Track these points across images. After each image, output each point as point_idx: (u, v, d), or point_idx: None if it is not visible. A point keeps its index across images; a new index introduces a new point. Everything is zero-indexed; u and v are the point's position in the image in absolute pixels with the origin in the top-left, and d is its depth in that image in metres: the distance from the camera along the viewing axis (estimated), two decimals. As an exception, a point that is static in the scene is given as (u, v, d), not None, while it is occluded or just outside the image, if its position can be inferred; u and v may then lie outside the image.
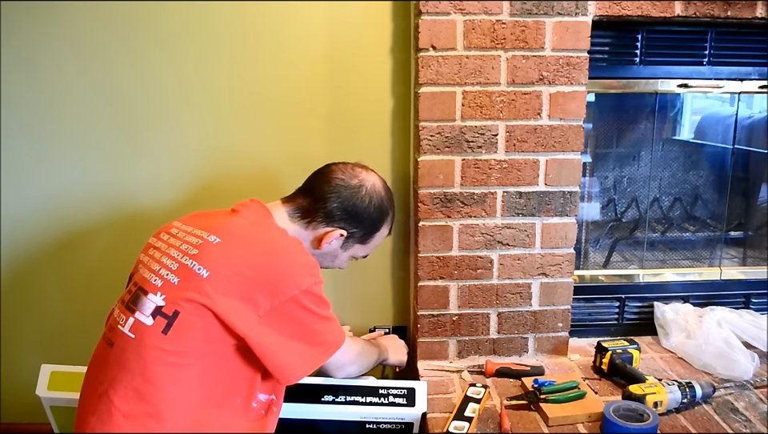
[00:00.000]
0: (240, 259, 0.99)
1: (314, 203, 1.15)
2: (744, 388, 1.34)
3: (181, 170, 1.58)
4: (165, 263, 1.02)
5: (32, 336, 1.67)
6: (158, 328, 0.95)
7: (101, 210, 1.59)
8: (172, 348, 0.94)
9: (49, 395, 1.31)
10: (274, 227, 1.11)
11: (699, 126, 1.74)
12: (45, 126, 1.54)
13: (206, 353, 0.96)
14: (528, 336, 1.51)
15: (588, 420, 1.22)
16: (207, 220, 1.09)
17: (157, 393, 0.93)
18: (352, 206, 1.16)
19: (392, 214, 1.25)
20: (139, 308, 0.98)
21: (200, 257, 0.99)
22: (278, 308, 0.97)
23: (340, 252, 1.22)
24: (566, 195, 1.43)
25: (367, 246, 1.24)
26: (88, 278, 1.63)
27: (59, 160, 1.56)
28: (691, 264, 1.73)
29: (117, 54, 1.50)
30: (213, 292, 0.95)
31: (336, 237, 1.16)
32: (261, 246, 1.03)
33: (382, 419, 1.22)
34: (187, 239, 1.04)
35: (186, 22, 1.49)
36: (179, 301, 0.95)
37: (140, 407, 0.92)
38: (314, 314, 1.02)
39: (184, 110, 1.54)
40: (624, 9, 1.36)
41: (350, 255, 1.24)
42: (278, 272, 0.99)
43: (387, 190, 1.23)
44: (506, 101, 1.37)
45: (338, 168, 1.19)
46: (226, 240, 1.01)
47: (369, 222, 1.19)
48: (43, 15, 1.47)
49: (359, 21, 1.51)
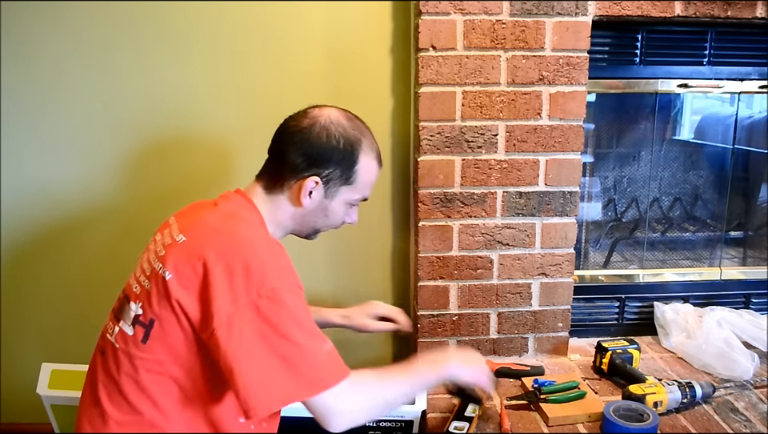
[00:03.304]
0: (199, 254, 0.89)
1: (277, 164, 1.05)
2: (744, 388, 1.34)
3: (180, 166, 1.58)
4: (144, 268, 0.97)
5: (32, 335, 1.67)
6: (137, 337, 0.92)
7: (100, 207, 1.59)
8: (152, 356, 0.91)
9: (49, 394, 1.31)
10: (244, 220, 0.99)
11: (699, 126, 1.74)
12: (43, 121, 1.53)
13: (187, 360, 0.91)
14: (528, 336, 1.51)
15: (588, 420, 1.22)
16: (190, 216, 1.03)
17: (147, 401, 0.91)
18: (311, 148, 1.02)
19: (367, 140, 1.06)
20: (123, 317, 0.96)
21: (165, 258, 0.92)
22: (236, 314, 0.85)
23: (328, 202, 1.06)
24: (566, 195, 1.43)
25: (355, 185, 1.06)
26: (87, 275, 1.63)
27: (58, 155, 1.55)
28: (691, 264, 1.73)
29: (116, 53, 1.50)
30: (178, 293, 0.88)
31: (311, 186, 1.02)
32: (221, 238, 0.92)
33: (381, 418, 1.22)
34: (164, 240, 0.98)
35: (185, 19, 1.49)
36: (153, 308, 0.91)
37: (133, 416, 0.91)
38: (278, 329, 0.85)
39: (183, 106, 1.54)
40: (624, 9, 1.36)
41: (344, 202, 1.07)
42: (232, 268, 0.86)
43: (350, 119, 1.06)
44: (506, 101, 1.37)
45: (289, 118, 1.09)
46: (190, 237, 0.93)
47: (338, 157, 1.03)
48: (42, 10, 1.47)
49: (359, 21, 1.51)
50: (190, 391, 0.92)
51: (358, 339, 1.68)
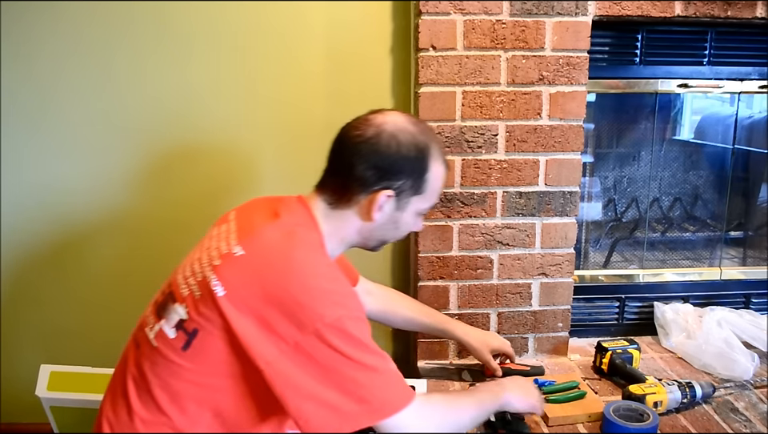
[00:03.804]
0: (259, 278, 0.86)
1: (342, 178, 0.98)
2: (744, 388, 1.34)
3: (180, 167, 1.58)
4: (194, 270, 0.92)
5: (32, 336, 1.67)
6: (178, 343, 0.88)
7: (100, 208, 1.59)
8: (191, 366, 0.87)
9: (48, 396, 1.30)
10: (304, 242, 0.93)
11: (699, 126, 1.74)
12: (43, 122, 1.53)
13: (227, 376, 0.87)
14: (528, 336, 1.51)
15: (588, 420, 1.21)
16: (248, 220, 0.98)
17: (176, 408, 0.88)
18: (381, 159, 0.95)
19: (435, 146, 1.00)
20: (166, 316, 0.91)
21: (220, 270, 0.88)
22: (301, 343, 0.83)
23: (399, 215, 1.00)
24: (565, 195, 1.43)
25: (426, 194, 1.00)
26: (87, 277, 1.63)
27: (58, 157, 1.55)
28: (691, 264, 1.73)
29: (117, 53, 1.50)
30: (231, 313, 0.85)
31: (383, 200, 0.96)
32: (282, 265, 0.87)
33: None
34: (220, 244, 0.93)
35: (185, 20, 1.49)
36: (199, 318, 0.87)
37: (159, 418, 0.88)
38: (345, 356, 0.83)
39: (183, 107, 1.54)
40: (624, 9, 1.36)
41: (414, 213, 1.01)
42: (295, 298, 0.84)
43: (416, 123, 1.00)
44: (506, 101, 1.37)
45: (349, 127, 1.00)
46: (248, 253, 0.89)
47: (410, 166, 0.97)
48: (42, 10, 1.47)
49: (359, 21, 1.51)
50: (224, 406, 0.89)
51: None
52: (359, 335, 0.86)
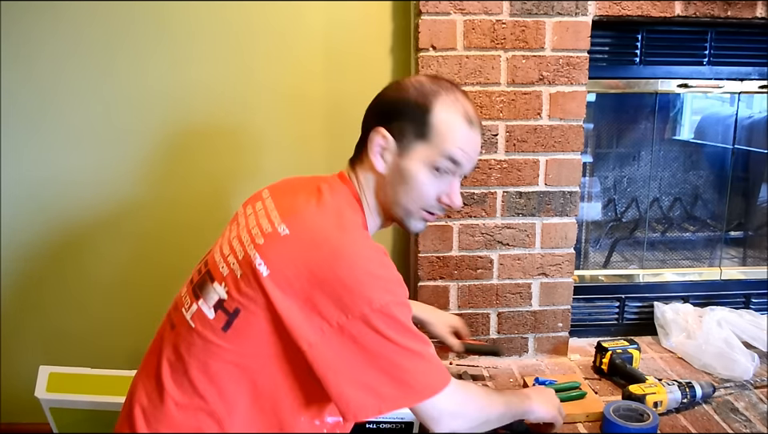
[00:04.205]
0: (305, 260, 0.83)
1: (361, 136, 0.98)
2: (744, 388, 1.34)
3: (181, 167, 1.58)
4: (234, 248, 0.90)
5: (32, 338, 1.67)
6: (218, 323, 0.86)
7: (101, 210, 1.59)
8: (232, 347, 0.85)
9: (48, 397, 1.30)
10: (350, 223, 0.91)
11: (699, 126, 1.74)
12: (44, 123, 1.53)
13: (268, 357, 0.85)
14: (528, 336, 1.50)
15: (587, 420, 1.21)
16: (289, 199, 0.94)
17: (214, 390, 0.86)
18: (383, 103, 0.95)
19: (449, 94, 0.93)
20: (204, 296, 0.89)
21: (264, 249, 0.85)
22: (346, 327, 0.82)
23: (404, 163, 0.92)
24: (566, 195, 1.43)
25: (431, 141, 0.91)
26: (88, 278, 1.63)
27: (59, 158, 1.55)
28: (691, 264, 1.73)
29: (117, 53, 1.50)
30: (275, 293, 0.83)
31: (379, 141, 0.92)
32: (330, 248, 0.85)
33: (381, 419, 1.22)
34: (261, 221, 0.91)
35: (185, 20, 1.49)
36: (241, 298, 0.85)
37: (194, 400, 0.86)
38: (391, 341, 0.83)
39: (184, 107, 1.54)
40: (624, 9, 1.36)
41: (424, 164, 0.92)
42: (343, 282, 0.82)
43: (435, 79, 0.96)
44: (506, 101, 1.37)
45: None
46: (294, 233, 0.86)
47: (410, 108, 0.92)
48: (42, 11, 1.47)
49: (359, 20, 1.51)
50: (263, 388, 0.87)
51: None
52: (404, 321, 0.85)
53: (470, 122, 0.93)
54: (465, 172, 0.96)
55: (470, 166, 0.96)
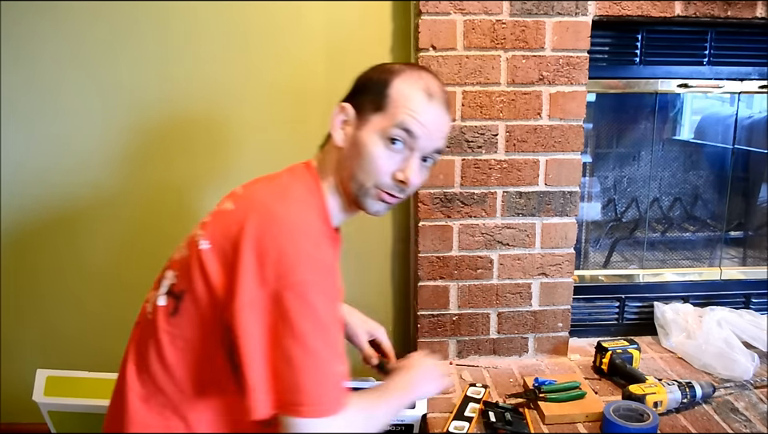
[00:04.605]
0: (239, 227, 0.81)
1: None
2: (744, 388, 1.34)
3: (182, 168, 1.58)
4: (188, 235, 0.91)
5: (31, 340, 1.67)
6: (168, 309, 0.86)
7: (101, 213, 1.59)
8: (180, 332, 0.84)
9: (46, 401, 1.29)
10: (297, 200, 0.88)
11: (699, 126, 1.74)
12: (44, 123, 1.53)
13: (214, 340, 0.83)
14: (528, 336, 1.50)
15: (586, 420, 1.21)
16: (249, 187, 0.95)
17: (169, 380, 0.85)
18: (354, 83, 0.97)
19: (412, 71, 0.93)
20: (160, 286, 0.89)
21: (207, 226, 0.86)
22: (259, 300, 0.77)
23: (359, 135, 0.90)
24: (566, 195, 1.43)
25: (387, 111, 0.89)
26: (87, 281, 1.63)
27: (59, 159, 1.55)
28: (691, 264, 1.73)
29: (117, 53, 1.50)
30: (211, 265, 0.81)
31: (339, 115, 0.93)
32: (264, 215, 0.82)
33: None
34: (213, 208, 0.92)
35: (185, 20, 1.49)
36: (187, 278, 0.84)
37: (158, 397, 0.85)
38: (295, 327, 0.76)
39: (184, 107, 1.54)
40: (624, 9, 1.36)
41: (376, 134, 0.89)
42: (268, 253, 0.78)
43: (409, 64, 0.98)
44: (506, 101, 1.37)
45: None
46: (237, 207, 0.86)
47: (372, 83, 0.93)
48: (42, 11, 1.47)
49: (359, 20, 1.51)
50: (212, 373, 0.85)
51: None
52: (319, 309, 0.77)
53: (429, 95, 0.90)
54: (423, 149, 0.91)
55: (428, 142, 0.91)
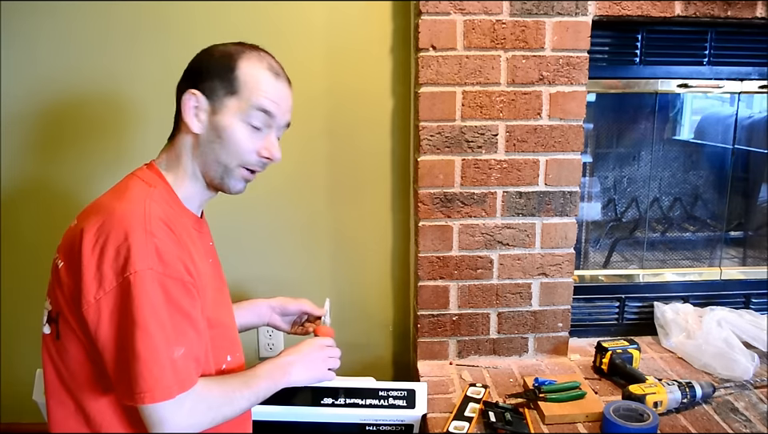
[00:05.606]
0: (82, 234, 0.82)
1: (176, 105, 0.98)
2: (744, 388, 1.34)
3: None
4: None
5: (31, 340, 1.67)
6: (52, 335, 0.88)
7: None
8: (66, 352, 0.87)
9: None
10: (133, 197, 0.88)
11: (699, 126, 1.74)
12: (44, 123, 1.53)
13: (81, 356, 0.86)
14: (528, 336, 1.50)
15: (586, 420, 1.21)
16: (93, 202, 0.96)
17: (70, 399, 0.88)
18: (191, 69, 0.97)
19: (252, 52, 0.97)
20: (44, 318, 0.91)
21: (60, 247, 0.89)
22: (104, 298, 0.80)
23: (218, 121, 0.93)
24: (566, 195, 1.43)
25: (241, 95, 0.93)
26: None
27: (59, 159, 1.55)
28: (691, 264, 1.73)
29: (117, 53, 1.50)
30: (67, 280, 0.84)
31: (191, 102, 0.93)
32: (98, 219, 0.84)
33: (382, 421, 1.22)
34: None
35: (185, 19, 1.49)
36: (54, 302, 0.87)
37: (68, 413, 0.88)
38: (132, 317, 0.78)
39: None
40: (624, 9, 1.36)
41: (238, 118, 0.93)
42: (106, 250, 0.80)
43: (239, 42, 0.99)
44: (506, 101, 1.37)
45: None
46: (79, 220, 0.89)
47: (216, 67, 0.94)
48: (42, 11, 1.47)
49: (359, 20, 1.51)
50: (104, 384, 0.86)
51: (357, 341, 1.68)
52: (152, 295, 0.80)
53: (275, 74, 0.97)
54: (280, 125, 0.98)
55: (284, 118, 0.98)
